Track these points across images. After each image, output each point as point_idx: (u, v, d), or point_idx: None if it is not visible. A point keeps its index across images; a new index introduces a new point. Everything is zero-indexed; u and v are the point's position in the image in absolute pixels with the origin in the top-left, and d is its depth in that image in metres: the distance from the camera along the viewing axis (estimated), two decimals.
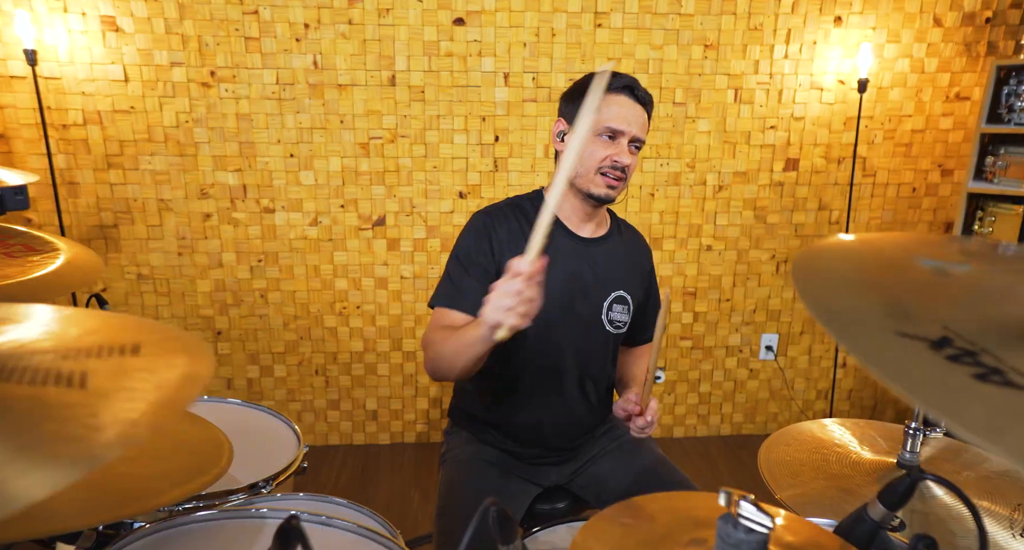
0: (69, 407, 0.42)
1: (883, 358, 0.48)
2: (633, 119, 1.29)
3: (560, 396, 1.42)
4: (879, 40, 2.58)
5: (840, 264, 0.62)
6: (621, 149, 1.29)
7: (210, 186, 2.56)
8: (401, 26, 2.47)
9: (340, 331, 2.75)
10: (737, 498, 0.55)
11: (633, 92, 1.30)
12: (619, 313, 1.42)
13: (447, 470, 1.44)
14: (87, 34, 2.36)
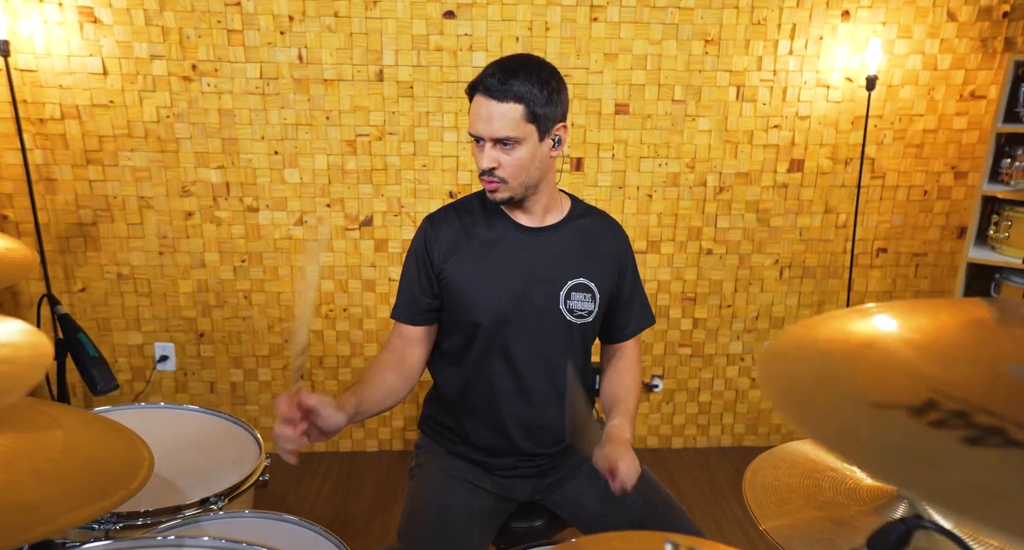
0: None
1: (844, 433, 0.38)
2: (486, 119, 1.21)
3: (527, 399, 1.35)
4: (889, 36, 2.47)
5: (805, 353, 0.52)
6: (484, 154, 1.24)
7: (192, 184, 2.49)
8: (389, 19, 2.39)
9: (327, 334, 2.66)
10: None
11: (483, 89, 1.21)
12: (580, 301, 1.34)
13: (414, 486, 1.35)
14: (64, 25, 2.29)
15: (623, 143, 2.55)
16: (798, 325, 0.54)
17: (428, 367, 1.48)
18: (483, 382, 1.36)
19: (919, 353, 0.45)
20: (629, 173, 2.58)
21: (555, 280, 1.34)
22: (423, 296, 1.36)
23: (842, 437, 0.36)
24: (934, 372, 0.43)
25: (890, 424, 0.37)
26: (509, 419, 1.36)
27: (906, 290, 2.73)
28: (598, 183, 2.58)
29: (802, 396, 0.42)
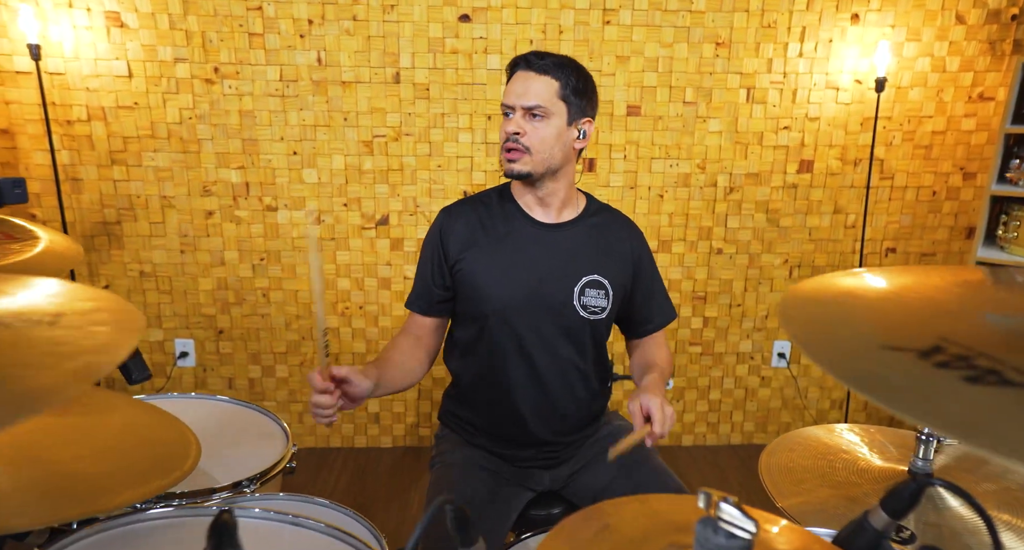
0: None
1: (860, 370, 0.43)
2: (522, 90, 1.28)
3: (541, 390, 1.39)
4: (898, 38, 2.51)
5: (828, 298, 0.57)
6: (510, 122, 1.30)
7: (213, 183, 2.55)
8: (406, 22, 2.45)
9: (343, 332, 2.71)
10: (717, 500, 0.49)
11: (524, 64, 1.30)
12: (594, 298, 1.38)
13: (436, 475, 1.40)
14: (92, 30, 2.36)
15: (635, 144, 2.60)
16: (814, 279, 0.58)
17: (444, 359, 1.53)
18: (497, 373, 1.40)
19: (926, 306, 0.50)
20: (640, 174, 2.63)
21: (569, 276, 1.38)
22: (436, 288, 1.41)
23: (857, 373, 0.40)
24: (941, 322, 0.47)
25: (900, 364, 0.41)
26: (524, 409, 1.40)
27: None
28: (610, 183, 2.63)
29: (820, 337, 0.46)
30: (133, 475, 0.79)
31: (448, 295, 1.42)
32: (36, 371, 0.42)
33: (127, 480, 0.77)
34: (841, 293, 0.52)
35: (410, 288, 1.48)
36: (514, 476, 1.42)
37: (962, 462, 1.00)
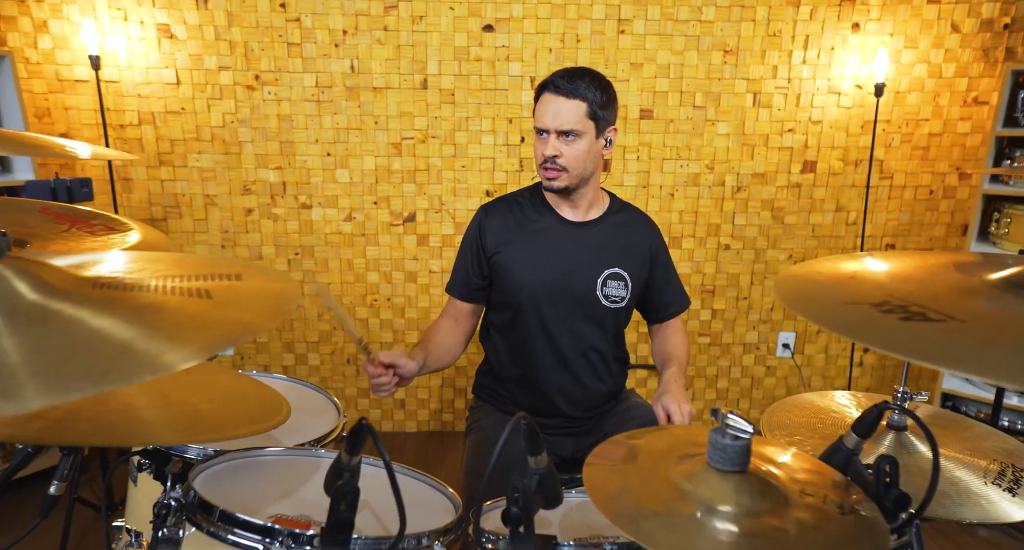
0: (202, 310, 0.56)
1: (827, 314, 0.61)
2: (553, 114, 1.42)
3: (565, 369, 1.56)
4: (896, 46, 2.67)
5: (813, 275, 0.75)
6: (547, 143, 1.45)
7: (252, 183, 2.74)
8: (433, 32, 2.63)
9: (371, 322, 2.90)
10: (725, 412, 0.67)
11: (553, 88, 1.43)
12: (615, 289, 1.55)
13: (474, 437, 1.58)
14: (144, 41, 2.56)
15: (647, 146, 2.77)
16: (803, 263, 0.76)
17: (480, 338, 1.71)
18: (527, 353, 1.58)
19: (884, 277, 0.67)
20: (653, 173, 2.80)
21: (593, 269, 1.55)
22: (474, 277, 1.59)
23: (828, 318, 0.58)
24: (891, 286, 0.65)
25: (858, 312, 0.59)
26: (550, 387, 1.58)
27: None
28: (624, 183, 2.80)
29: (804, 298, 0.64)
30: (244, 418, 0.97)
31: (484, 284, 1.60)
32: (240, 311, 0.60)
33: (240, 421, 0.96)
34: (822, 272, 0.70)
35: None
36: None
37: (934, 418, 1.17)
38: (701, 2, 2.63)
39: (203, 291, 0.59)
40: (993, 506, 0.94)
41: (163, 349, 0.52)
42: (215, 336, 0.56)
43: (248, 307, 0.58)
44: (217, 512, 0.77)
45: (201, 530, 0.78)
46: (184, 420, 0.89)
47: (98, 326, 0.54)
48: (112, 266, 0.66)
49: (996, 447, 1.07)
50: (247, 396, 1.05)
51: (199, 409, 0.94)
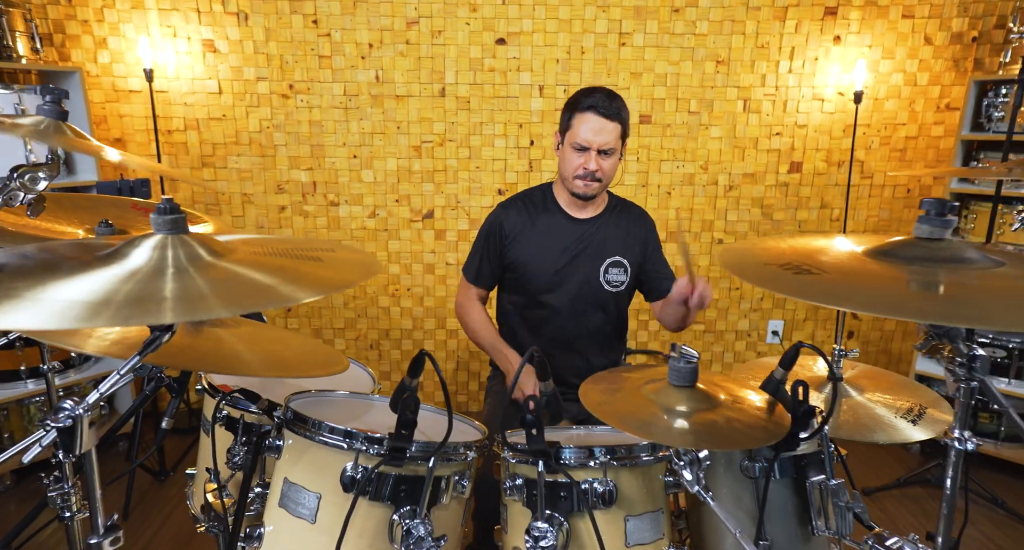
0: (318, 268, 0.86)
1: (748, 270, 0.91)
2: (597, 134, 1.66)
3: (572, 345, 1.85)
4: (875, 57, 2.94)
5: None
6: (589, 158, 1.69)
7: (285, 182, 3.05)
8: (451, 45, 2.93)
9: (392, 310, 3.20)
10: (680, 345, 0.96)
11: (598, 110, 1.66)
12: (616, 275, 1.83)
13: (491, 398, 1.87)
14: (191, 55, 2.87)
15: (646, 148, 3.06)
16: (744, 240, 1.05)
17: (497, 318, 2.00)
18: (538, 329, 1.86)
19: (795, 250, 0.96)
20: (651, 174, 3.08)
21: (597, 259, 1.83)
22: (487, 265, 1.87)
23: (752, 274, 0.87)
24: (797, 255, 0.93)
25: (771, 270, 0.87)
26: (559, 360, 1.85)
27: None
28: (625, 182, 3.09)
29: (739, 263, 0.93)
30: (317, 363, 1.27)
31: (498, 273, 1.88)
32: (340, 271, 0.89)
33: (315, 365, 1.25)
34: (758, 245, 0.99)
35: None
36: None
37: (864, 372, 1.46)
38: (695, 17, 2.91)
39: (315, 258, 0.89)
40: (899, 432, 1.23)
41: (296, 289, 0.82)
42: (328, 285, 0.86)
43: (345, 268, 0.87)
44: (310, 422, 1.07)
45: (299, 435, 1.07)
46: (275, 362, 1.18)
47: (253, 275, 0.84)
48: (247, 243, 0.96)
49: (912, 393, 1.35)
50: (316, 351, 1.35)
51: (284, 356, 1.23)
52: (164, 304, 0.73)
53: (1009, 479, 2.71)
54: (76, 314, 0.70)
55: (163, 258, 0.83)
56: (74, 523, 1.33)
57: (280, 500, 1.08)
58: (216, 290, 0.78)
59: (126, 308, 0.72)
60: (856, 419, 1.28)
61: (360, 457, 1.03)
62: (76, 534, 1.35)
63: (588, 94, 1.69)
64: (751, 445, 1.02)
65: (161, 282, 0.77)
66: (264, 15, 2.85)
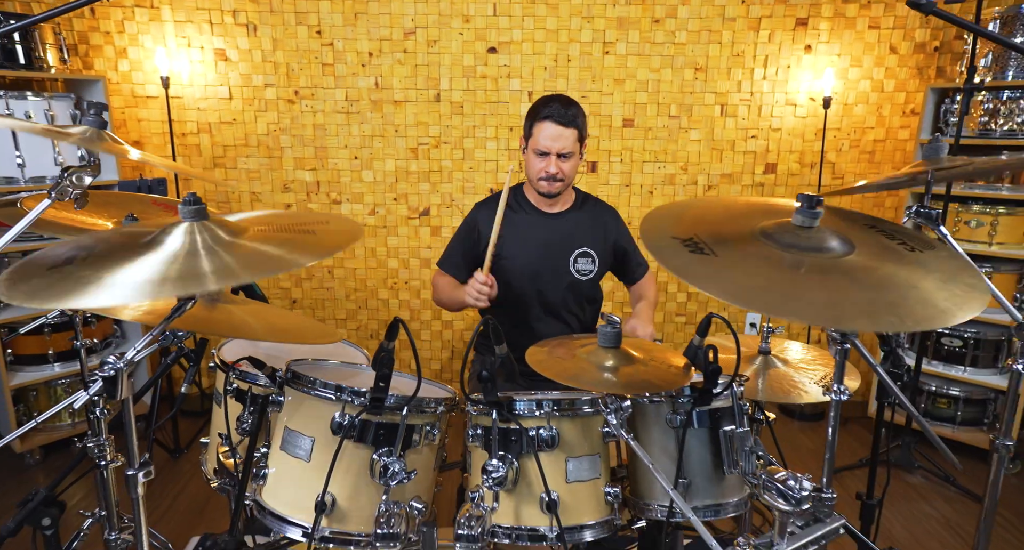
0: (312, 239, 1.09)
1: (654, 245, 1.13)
2: (555, 141, 1.87)
3: (545, 320, 2.07)
4: (843, 65, 3.15)
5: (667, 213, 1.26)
6: (550, 162, 1.90)
7: (291, 182, 3.28)
8: (445, 54, 3.16)
9: (391, 302, 3.43)
10: (607, 313, 1.18)
11: (555, 118, 1.86)
12: (584, 264, 2.05)
13: (474, 367, 2.10)
14: (204, 63, 3.11)
15: (629, 150, 3.27)
16: (671, 204, 1.26)
17: None
18: (518, 311, 2.08)
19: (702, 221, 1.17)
20: (634, 174, 3.30)
21: (566, 250, 2.04)
22: (461, 259, 2.08)
23: (653, 245, 1.08)
24: (711, 225, 1.15)
25: (673, 245, 1.08)
26: (536, 333, 2.07)
27: None
28: (609, 182, 3.31)
29: (651, 234, 1.14)
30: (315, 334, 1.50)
31: (468, 264, 2.07)
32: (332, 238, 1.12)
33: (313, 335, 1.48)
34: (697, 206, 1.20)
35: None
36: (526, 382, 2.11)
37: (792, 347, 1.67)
38: (674, 27, 3.13)
39: (310, 230, 1.12)
40: (810, 395, 1.44)
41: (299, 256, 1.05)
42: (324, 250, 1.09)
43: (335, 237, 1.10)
44: (306, 379, 1.29)
45: (297, 390, 1.30)
46: (277, 331, 1.42)
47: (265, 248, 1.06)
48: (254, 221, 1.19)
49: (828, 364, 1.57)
50: (312, 325, 1.59)
51: (285, 326, 1.47)
52: (207, 277, 0.96)
53: (962, 459, 2.91)
54: (148, 290, 0.94)
55: (194, 241, 1.05)
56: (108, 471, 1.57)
57: (281, 445, 1.31)
58: (240, 262, 1.01)
59: (180, 281, 0.95)
60: (779, 385, 1.49)
61: (346, 407, 1.25)
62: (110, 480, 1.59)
63: (546, 103, 1.89)
64: (657, 390, 1.25)
65: (198, 260, 1.00)
66: (271, 26, 3.09)
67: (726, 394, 1.30)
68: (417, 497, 1.27)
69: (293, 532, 1.26)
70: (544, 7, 3.10)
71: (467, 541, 1.10)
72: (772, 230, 1.12)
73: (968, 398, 2.91)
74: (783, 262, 1.05)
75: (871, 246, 1.12)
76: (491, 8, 3.10)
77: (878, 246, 1.13)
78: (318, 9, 3.08)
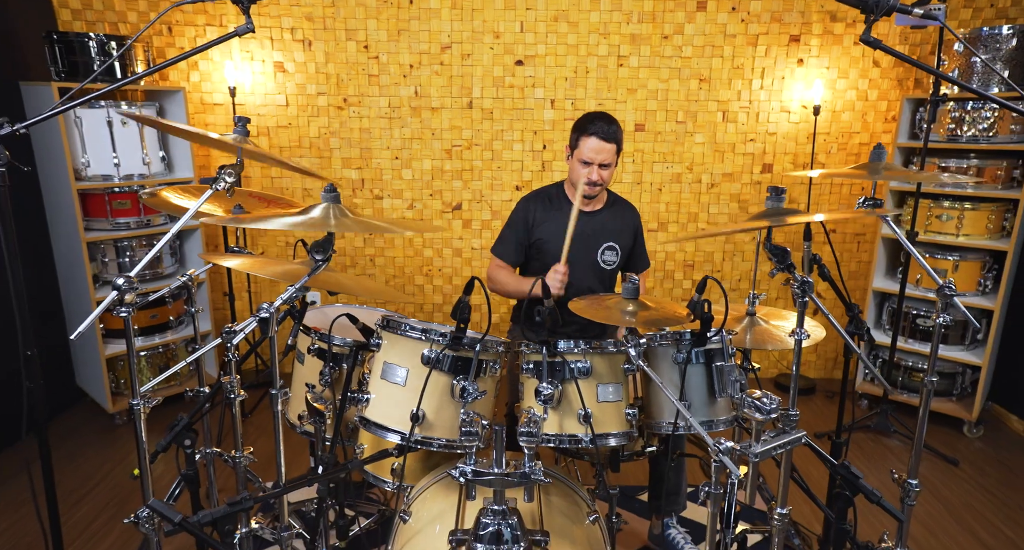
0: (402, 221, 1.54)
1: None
2: (598, 153, 2.26)
3: None
4: (832, 76, 3.59)
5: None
6: (592, 171, 2.31)
7: (339, 179, 3.74)
8: (478, 66, 3.61)
9: (426, 288, 3.88)
10: (629, 274, 1.62)
11: (599, 135, 2.28)
12: (609, 256, 2.48)
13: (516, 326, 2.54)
14: (264, 74, 3.57)
15: (640, 152, 3.72)
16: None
17: None
18: None
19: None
20: (645, 173, 3.74)
21: (596, 244, 2.47)
22: (517, 245, 2.49)
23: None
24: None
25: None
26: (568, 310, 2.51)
27: (850, 260, 3.83)
28: (623, 180, 3.75)
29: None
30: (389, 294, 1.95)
31: (520, 251, 2.49)
32: (414, 222, 1.56)
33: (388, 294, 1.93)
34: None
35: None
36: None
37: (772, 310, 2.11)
38: (681, 42, 3.57)
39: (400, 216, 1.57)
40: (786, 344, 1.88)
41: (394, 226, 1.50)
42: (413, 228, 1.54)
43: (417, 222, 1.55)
44: (397, 324, 1.74)
45: (392, 332, 1.75)
46: (365, 290, 1.87)
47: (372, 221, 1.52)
48: None
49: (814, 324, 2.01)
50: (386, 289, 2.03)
51: (370, 287, 1.92)
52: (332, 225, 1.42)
53: (932, 425, 3.35)
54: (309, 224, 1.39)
55: (328, 215, 1.51)
56: (236, 404, 2.03)
57: (381, 374, 1.76)
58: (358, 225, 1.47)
59: (325, 224, 1.41)
60: (761, 337, 1.94)
61: (433, 344, 1.70)
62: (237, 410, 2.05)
63: (592, 121, 2.29)
64: (664, 325, 1.70)
65: (329, 225, 1.46)
66: (324, 42, 3.55)
67: (717, 339, 1.74)
68: (483, 416, 1.72)
69: (392, 437, 1.71)
70: (566, 25, 3.55)
71: (528, 437, 1.53)
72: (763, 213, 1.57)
73: (939, 371, 3.34)
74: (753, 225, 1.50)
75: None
76: (519, 26, 3.55)
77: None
78: (366, 27, 3.54)
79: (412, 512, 1.77)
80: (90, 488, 2.80)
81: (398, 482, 1.90)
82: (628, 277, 1.69)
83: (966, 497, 2.82)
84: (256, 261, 2.00)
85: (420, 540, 1.67)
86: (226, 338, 1.60)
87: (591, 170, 2.32)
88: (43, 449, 1.81)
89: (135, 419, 1.62)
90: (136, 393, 1.61)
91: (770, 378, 3.98)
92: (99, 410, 3.36)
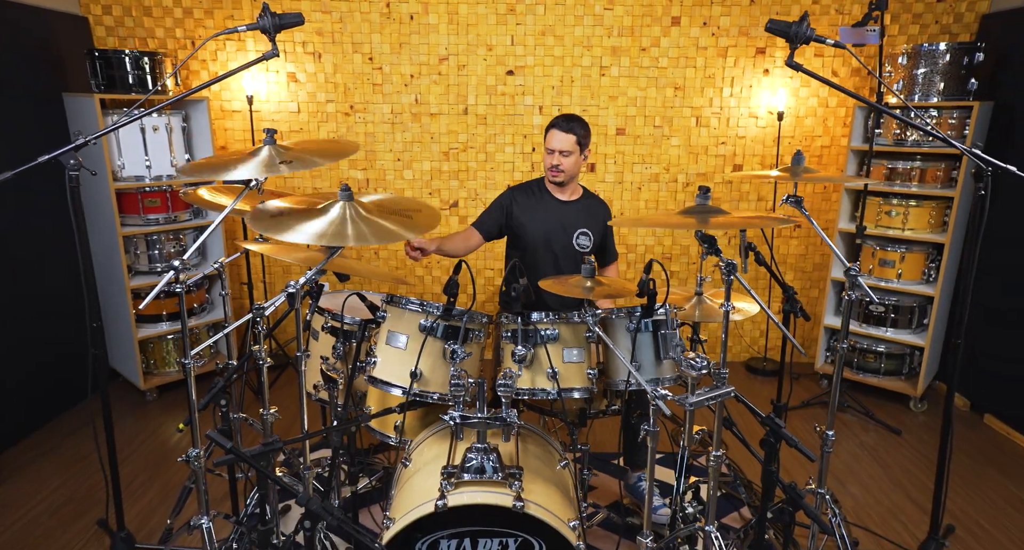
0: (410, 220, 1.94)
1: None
2: (557, 142, 2.71)
3: None
4: (795, 85, 3.98)
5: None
6: (554, 158, 2.75)
7: (346, 179, 4.14)
8: (472, 75, 4.00)
9: (426, 279, 4.28)
10: (588, 259, 2.02)
11: (558, 128, 2.72)
12: (583, 240, 2.88)
13: (502, 299, 2.94)
14: (278, 83, 3.98)
15: (621, 154, 4.11)
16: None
17: (506, 263, 3.06)
18: (533, 273, 2.91)
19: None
20: (625, 174, 4.14)
21: (571, 229, 2.87)
22: (492, 224, 2.90)
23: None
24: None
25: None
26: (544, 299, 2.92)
27: (815, 253, 4.22)
28: (605, 180, 4.14)
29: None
30: (394, 277, 2.35)
31: (497, 230, 2.91)
32: (423, 220, 1.96)
33: (392, 278, 2.34)
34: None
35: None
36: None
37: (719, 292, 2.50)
38: (658, 54, 3.97)
39: (409, 215, 1.96)
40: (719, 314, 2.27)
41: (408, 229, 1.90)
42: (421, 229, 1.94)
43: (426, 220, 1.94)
44: (400, 300, 2.14)
45: (396, 306, 2.14)
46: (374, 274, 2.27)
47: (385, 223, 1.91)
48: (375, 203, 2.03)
49: (739, 300, 2.40)
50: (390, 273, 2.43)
51: (378, 270, 2.32)
52: (349, 238, 1.81)
53: (883, 401, 3.74)
54: (317, 238, 1.78)
55: (344, 215, 1.91)
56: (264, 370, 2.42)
57: (386, 341, 2.16)
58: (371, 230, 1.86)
59: (343, 233, 1.80)
60: (706, 313, 2.33)
61: (428, 316, 2.10)
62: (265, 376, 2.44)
63: (556, 118, 2.76)
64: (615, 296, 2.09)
65: (346, 226, 1.85)
66: (333, 54, 3.95)
67: (662, 311, 2.14)
68: (469, 374, 2.12)
69: (395, 392, 2.11)
70: (552, 38, 3.94)
71: (504, 388, 1.93)
72: (692, 209, 1.97)
73: (890, 353, 3.73)
74: (684, 221, 1.90)
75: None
76: (510, 39, 3.94)
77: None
78: (370, 40, 3.94)
79: (412, 459, 2.17)
80: (127, 455, 3.20)
81: (399, 437, 2.30)
82: (586, 259, 2.09)
83: (904, 462, 3.20)
84: (279, 247, 2.40)
85: (418, 477, 2.07)
86: (257, 313, 2.00)
87: (553, 157, 2.75)
88: (105, 409, 2.22)
89: (186, 375, 2.02)
90: (187, 354, 2.01)
91: (741, 362, 4.36)
92: (131, 388, 3.76)
